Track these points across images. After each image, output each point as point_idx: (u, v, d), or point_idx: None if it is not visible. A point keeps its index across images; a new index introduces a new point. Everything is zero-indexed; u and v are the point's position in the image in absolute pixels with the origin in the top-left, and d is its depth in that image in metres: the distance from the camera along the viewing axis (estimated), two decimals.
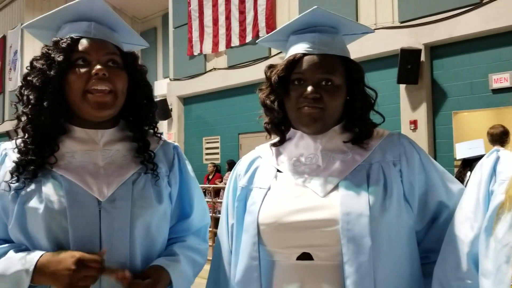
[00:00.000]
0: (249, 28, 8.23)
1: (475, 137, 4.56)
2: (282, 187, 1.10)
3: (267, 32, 7.92)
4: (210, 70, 8.83)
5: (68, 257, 0.97)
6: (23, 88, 1.11)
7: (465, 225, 0.99)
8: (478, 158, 2.83)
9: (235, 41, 8.47)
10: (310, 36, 1.13)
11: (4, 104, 15.41)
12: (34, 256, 1.00)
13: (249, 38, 8.23)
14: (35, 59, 1.13)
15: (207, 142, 9.49)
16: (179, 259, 1.14)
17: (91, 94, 1.07)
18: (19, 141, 1.11)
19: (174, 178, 1.21)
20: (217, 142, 9.27)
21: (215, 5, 8.83)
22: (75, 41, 1.10)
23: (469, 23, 5.58)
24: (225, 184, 2.23)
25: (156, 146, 1.21)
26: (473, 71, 5.73)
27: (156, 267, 1.09)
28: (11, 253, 1.03)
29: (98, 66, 1.07)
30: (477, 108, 5.82)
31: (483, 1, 5.51)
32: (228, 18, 8.58)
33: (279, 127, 1.17)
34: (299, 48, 1.13)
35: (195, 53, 9.14)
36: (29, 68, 1.12)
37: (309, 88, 1.07)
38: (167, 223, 1.18)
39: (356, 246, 0.96)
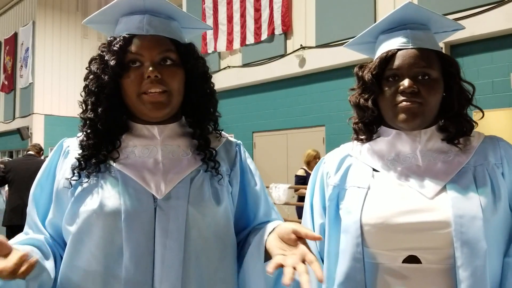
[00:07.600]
0: (264, 26, 8.17)
1: None
2: (384, 187, 1.07)
3: (283, 30, 7.87)
4: (225, 68, 8.79)
5: None
6: (84, 90, 1.09)
7: None
8: None
9: (250, 39, 8.42)
10: (402, 32, 1.11)
11: (15, 101, 15.45)
12: None
13: (264, 36, 8.18)
14: (93, 59, 1.09)
15: None
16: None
17: (146, 95, 1.04)
18: (81, 137, 1.09)
19: (236, 178, 1.15)
20: None
21: (229, 3, 8.79)
22: (127, 41, 1.05)
23: (491, 21, 5.52)
24: None
25: (218, 144, 1.15)
26: (495, 70, 5.67)
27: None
28: None
29: (150, 69, 1.02)
30: (498, 108, 5.75)
31: None
32: (243, 15, 8.54)
33: (370, 126, 1.16)
34: (391, 44, 1.11)
35: (209, 51, 9.08)
36: (88, 69, 1.10)
37: (406, 82, 1.04)
38: (229, 224, 1.09)
39: (471, 249, 0.94)
